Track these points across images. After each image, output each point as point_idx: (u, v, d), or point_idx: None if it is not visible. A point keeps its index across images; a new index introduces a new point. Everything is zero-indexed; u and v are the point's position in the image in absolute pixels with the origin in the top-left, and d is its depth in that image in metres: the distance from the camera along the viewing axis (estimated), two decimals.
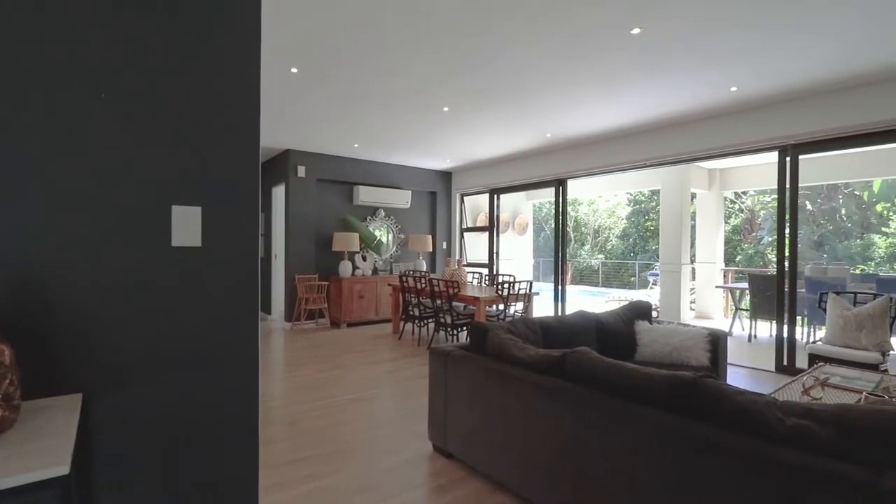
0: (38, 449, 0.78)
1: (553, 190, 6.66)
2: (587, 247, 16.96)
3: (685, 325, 3.31)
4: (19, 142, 0.98)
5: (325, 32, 3.01)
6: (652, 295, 9.29)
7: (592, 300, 10.53)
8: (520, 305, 5.57)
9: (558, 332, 2.94)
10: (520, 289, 5.30)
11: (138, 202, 1.10)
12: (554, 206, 6.66)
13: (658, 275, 8.14)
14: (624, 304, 3.73)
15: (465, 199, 8.49)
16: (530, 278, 8.09)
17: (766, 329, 6.08)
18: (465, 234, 8.47)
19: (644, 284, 12.42)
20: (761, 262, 12.15)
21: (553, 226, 6.78)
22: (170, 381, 1.14)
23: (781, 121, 4.36)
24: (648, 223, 15.34)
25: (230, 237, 1.22)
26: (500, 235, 8.04)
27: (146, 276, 1.11)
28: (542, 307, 7.20)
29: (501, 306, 5.24)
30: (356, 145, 6.35)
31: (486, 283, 6.98)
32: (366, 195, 7.24)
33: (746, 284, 6.36)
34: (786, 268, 4.41)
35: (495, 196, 7.70)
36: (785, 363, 4.42)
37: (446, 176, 8.34)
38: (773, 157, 4.52)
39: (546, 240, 15.41)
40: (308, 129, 5.50)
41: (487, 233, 7.84)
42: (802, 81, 3.83)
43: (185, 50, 1.16)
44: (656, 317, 6.75)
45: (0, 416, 0.82)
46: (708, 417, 1.51)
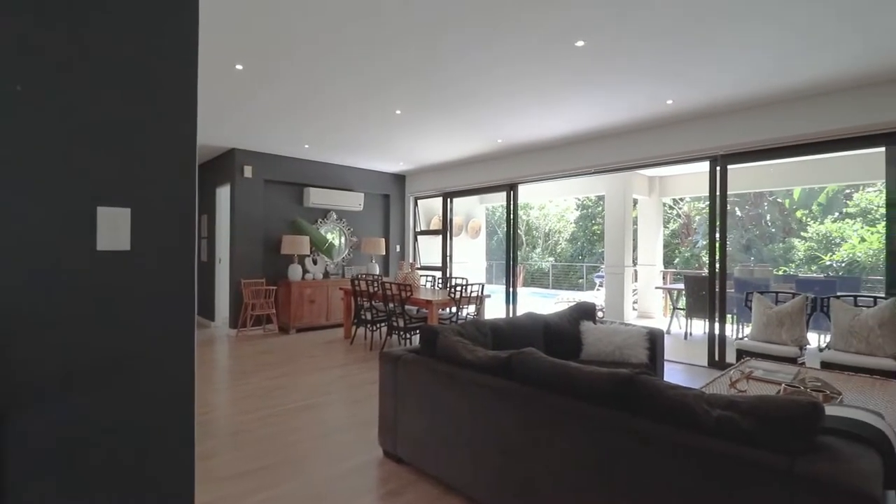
0: None
1: (505, 194, 6.80)
2: (538, 250, 17.44)
3: (627, 324, 3.48)
4: None
5: (272, 30, 2.93)
6: (598, 296, 9.68)
7: (543, 301, 10.83)
8: (472, 308, 5.64)
9: (508, 334, 3.00)
10: (472, 291, 5.36)
11: (60, 204, 1.02)
12: (506, 210, 6.80)
13: (604, 277, 8.50)
14: (572, 305, 3.87)
15: (419, 202, 8.49)
16: (483, 281, 8.20)
17: (700, 327, 6.50)
18: (419, 237, 8.47)
19: (591, 286, 12.92)
20: (697, 265, 12.97)
21: (505, 229, 6.91)
22: (92, 396, 1.07)
23: (712, 133, 4.69)
24: (595, 227, 15.98)
25: (164, 240, 1.16)
26: (454, 239, 8.10)
27: (67, 283, 1.03)
28: (495, 309, 7.32)
29: (454, 309, 5.28)
30: (307, 146, 6.20)
31: (440, 286, 7.01)
32: (317, 197, 7.08)
33: (682, 285, 6.77)
34: (716, 270, 4.73)
35: (449, 199, 7.76)
36: (716, 358, 4.73)
37: (400, 179, 8.32)
38: (705, 166, 4.86)
39: (499, 243, 15.69)
40: (255, 128, 5.32)
41: (441, 236, 7.88)
42: (731, 96, 4.14)
43: (113, 37, 1.09)
44: (602, 317, 7.03)
45: None
46: (644, 412, 1.60)
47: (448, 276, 7.59)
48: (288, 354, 5.20)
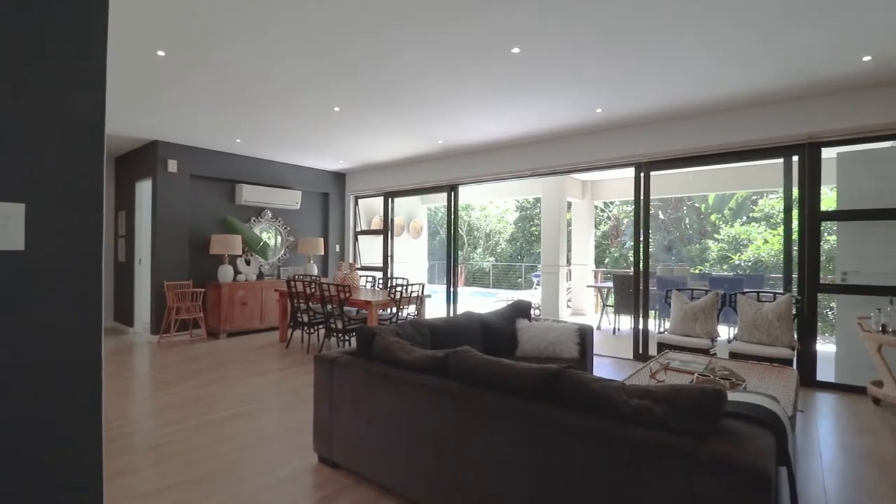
0: None
1: (446, 195, 6.86)
2: (479, 250, 17.75)
3: (560, 321, 3.63)
4: None
5: (195, 16, 2.76)
6: (535, 295, 10.02)
7: (484, 301, 11.04)
8: (413, 308, 5.63)
9: (446, 333, 3.03)
10: (413, 292, 5.36)
11: None
12: (447, 211, 6.86)
13: (540, 276, 8.81)
14: (509, 303, 3.97)
15: (360, 201, 8.36)
16: (425, 281, 8.22)
17: (628, 322, 6.92)
18: (360, 237, 8.33)
19: (530, 285, 13.36)
20: (625, 264, 13.79)
21: (447, 230, 6.97)
22: None
23: (637, 141, 5.02)
24: (534, 228, 16.54)
25: (65, 239, 1.06)
26: (395, 239, 8.05)
27: None
28: (436, 309, 7.36)
29: (394, 310, 5.25)
30: (238, 140, 5.90)
31: (380, 286, 6.94)
32: (250, 194, 6.76)
33: (612, 284, 7.18)
34: (640, 269, 5.06)
35: (390, 199, 7.70)
36: (640, 351, 5.06)
37: (340, 177, 8.14)
38: (631, 172, 5.18)
39: (441, 243, 15.79)
40: (180, 119, 4.98)
41: (382, 236, 7.80)
42: (657, 106, 4.44)
43: (5, 12, 0.98)
44: (538, 315, 7.28)
45: None
46: (572, 405, 1.68)
47: (389, 276, 7.53)
48: (217, 361, 4.92)
